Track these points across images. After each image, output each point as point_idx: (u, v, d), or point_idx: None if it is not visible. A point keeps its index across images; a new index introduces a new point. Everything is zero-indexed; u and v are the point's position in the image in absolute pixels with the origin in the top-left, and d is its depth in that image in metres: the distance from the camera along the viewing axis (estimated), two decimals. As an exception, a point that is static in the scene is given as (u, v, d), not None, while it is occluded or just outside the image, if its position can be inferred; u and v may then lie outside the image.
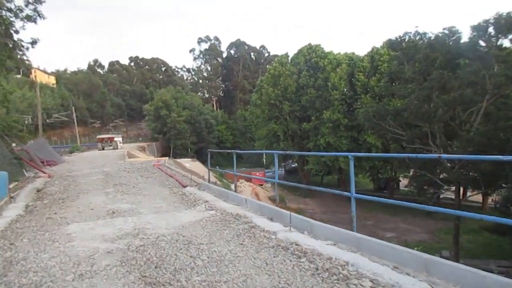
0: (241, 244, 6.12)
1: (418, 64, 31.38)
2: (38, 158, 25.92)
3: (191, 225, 7.52)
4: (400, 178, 56.33)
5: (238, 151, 13.27)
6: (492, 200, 48.38)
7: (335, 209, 54.39)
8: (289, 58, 60.87)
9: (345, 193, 7.24)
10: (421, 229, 45.81)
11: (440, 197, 38.84)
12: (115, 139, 49.53)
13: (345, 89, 52.34)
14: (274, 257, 5.39)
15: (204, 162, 61.74)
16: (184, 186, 13.25)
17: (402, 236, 41.90)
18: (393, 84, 49.73)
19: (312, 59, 56.72)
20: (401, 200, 7.17)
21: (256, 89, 62.78)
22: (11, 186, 15.17)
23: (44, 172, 19.99)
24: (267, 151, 57.29)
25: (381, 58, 50.34)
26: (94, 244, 6.44)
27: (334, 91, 51.98)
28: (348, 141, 53.01)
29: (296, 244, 5.82)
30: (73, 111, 60.19)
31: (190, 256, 5.54)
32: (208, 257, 5.48)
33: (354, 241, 5.80)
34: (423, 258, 4.69)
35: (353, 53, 56.84)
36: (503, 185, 30.60)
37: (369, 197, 7.58)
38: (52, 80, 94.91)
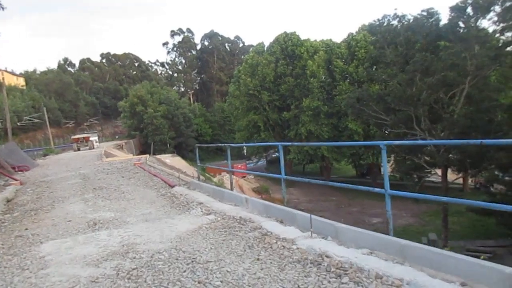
0: (258, 259, 4.95)
1: (399, 47, 30.68)
2: (8, 164, 24.05)
3: (190, 236, 6.30)
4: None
5: (232, 145, 12.04)
6: (472, 181, 48.60)
7: (319, 197, 53.90)
8: (265, 47, 59.61)
9: (377, 189, 6.13)
10: (405, 213, 45.60)
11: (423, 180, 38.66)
12: (91, 138, 47.35)
13: (324, 76, 51.52)
14: (305, 276, 4.26)
15: (184, 157, 60.26)
16: (172, 186, 11.98)
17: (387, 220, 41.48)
18: (374, 68, 49.49)
19: (288, 47, 55.70)
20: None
21: (233, 79, 61.39)
22: (-23, 196, 13.59)
23: (15, 179, 18.28)
24: (271, 143, 56.07)
25: (358, 44, 49.75)
26: (74, 269, 5.15)
27: (313, 78, 51.12)
28: (329, 128, 52.41)
29: (327, 256, 4.69)
30: (45, 112, 57.48)
31: (199, 282, 4.34)
32: (221, 282, 4.30)
33: (396, 249, 4.71)
34: (505, 273, 3.63)
35: (330, 40, 56.08)
36: (488, 166, 30.34)
37: (406, 193, 6.54)
38: (21, 82, 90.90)
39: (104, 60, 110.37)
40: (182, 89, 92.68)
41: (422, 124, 29.42)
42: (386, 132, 33.92)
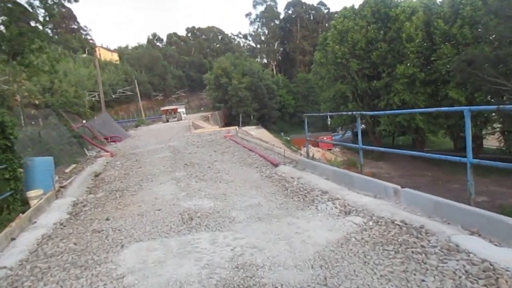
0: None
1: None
2: (102, 134, 23.65)
3: (340, 257, 3.88)
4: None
5: (309, 114, 9.23)
6: None
7: (412, 171, 49.24)
8: (355, 11, 54.68)
9: (457, 158, 3.06)
10: (517, 191, 39.85)
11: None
12: (179, 110, 47.14)
13: (421, 40, 45.86)
14: None
15: (267, 129, 58.48)
16: (276, 165, 9.71)
17: (495, 200, 36.29)
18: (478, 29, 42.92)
19: (381, 9, 50.36)
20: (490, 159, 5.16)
21: (319, 47, 57.38)
22: (68, 170, 12.48)
23: (106, 151, 17.35)
24: (348, 112, 52.66)
25: (462, 1, 43.28)
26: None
27: (409, 43, 45.74)
28: (425, 97, 46.99)
29: None
30: (136, 85, 58.65)
31: None
32: None
33: None
34: None
35: (428, -1, 49.69)
36: None
37: (490, 162, 3.74)
38: (115, 57, 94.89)
39: (189, 34, 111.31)
40: (265, 61, 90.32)
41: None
42: (504, 99, 28.77)
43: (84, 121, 23.16)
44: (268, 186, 7.60)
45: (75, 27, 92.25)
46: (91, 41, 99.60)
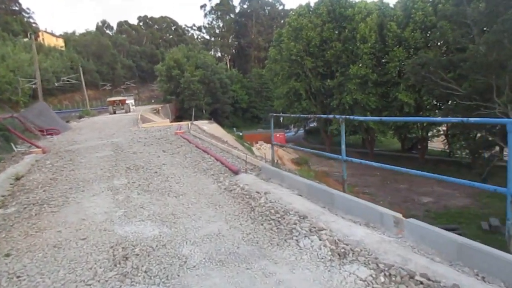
0: None
1: (483, 3, 25.28)
2: (37, 126, 20.98)
3: None
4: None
5: (275, 114, 7.83)
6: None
7: (363, 171, 49.51)
8: (310, 9, 54.03)
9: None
10: (459, 192, 40.75)
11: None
12: (127, 101, 44.16)
13: (375, 42, 45.96)
14: None
15: (220, 124, 56.69)
16: (236, 172, 8.17)
17: (440, 201, 37.15)
18: (429, 33, 43.56)
19: (336, 9, 49.96)
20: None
21: (274, 43, 56.28)
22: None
23: (38, 146, 14.99)
24: (327, 115, 51.77)
25: (414, 6, 43.74)
26: None
27: (363, 44, 45.66)
28: (376, 98, 47.30)
29: None
30: (81, 72, 54.63)
31: None
32: None
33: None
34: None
35: (381, 1, 49.94)
36: None
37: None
38: (60, 43, 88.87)
39: (141, 23, 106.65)
40: (219, 54, 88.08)
41: (505, 95, 24.37)
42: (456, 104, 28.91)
43: (20, 111, 20.36)
44: (229, 204, 6.03)
45: (16, 8, 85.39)
46: (34, 25, 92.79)
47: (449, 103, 30.74)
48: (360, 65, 46.67)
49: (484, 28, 25.74)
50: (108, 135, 18.21)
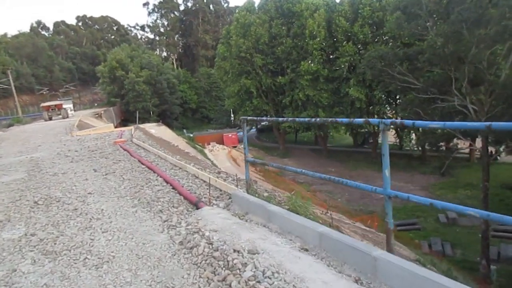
0: None
1: (439, -7, 24.03)
2: None
3: None
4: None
5: (252, 118, 5.25)
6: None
7: (317, 168, 48.01)
8: (256, 5, 51.77)
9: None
10: (413, 185, 40.19)
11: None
12: (64, 106, 39.40)
13: (324, 37, 44.55)
14: None
15: (169, 126, 53.04)
16: (196, 205, 5.47)
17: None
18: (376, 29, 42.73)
19: (283, 5, 47.98)
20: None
21: (222, 40, 53.43)
22: None
23: None
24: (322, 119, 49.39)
25: (362, 1, 42.72)
26: None
27: (313, 39, 44.07)
28: (328, 94, 45.98)
29: None
30: (10, 76, 48.76)
31: None
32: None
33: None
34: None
35: (329, -3, 48.62)
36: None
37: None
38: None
39: (80, 23, 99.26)
40: (165, 54, 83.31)
41: (464, 87, 23.25)
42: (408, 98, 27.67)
43: None
44: (191, 284, 3.31)
45: None
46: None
47: (406, 96, 29.53)
48: (310, 61, 45.13)
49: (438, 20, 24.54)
50: (31, 148, 14.67)
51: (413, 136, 43.20)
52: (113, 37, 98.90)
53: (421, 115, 25.85)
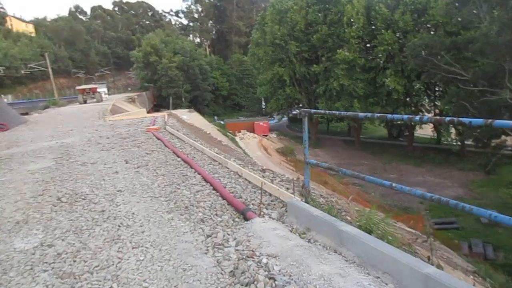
0: None
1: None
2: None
3: None
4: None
5: (313, 110, 3.99)
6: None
7: (349, 160, 46.37)
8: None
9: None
10: (451, 182, 38.03)
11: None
12: (98, 89, 39.23)
13: (362, 25, 42.50)
14: None
15: (200, 112, 52.52)
16: (244, 214, 4.47)
17: (433, 191, 33.91)
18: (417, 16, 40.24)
19: (321, -9, 46.04)
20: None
21: (257, 26, 52.04)
22: None
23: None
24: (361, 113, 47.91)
25: (404, -13, 40.38)
26: None
27: (350, 27, 42.11)
28: (364, 84, 44.00)
29: None
30: (47, 59, 49.24)
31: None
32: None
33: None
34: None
35: (369, -18, 46.22)
36: None
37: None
38: (30, 29, 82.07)
39: (116, 8, 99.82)
40: (198, 40, 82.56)
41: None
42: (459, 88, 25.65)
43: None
44: None
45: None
46: (1, 10, 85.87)
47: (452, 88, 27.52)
48: (346, 49, 43.22)
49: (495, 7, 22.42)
50: (63, 132, 14.09)
51: (453, 130, 40.79)
52: (147, 22, 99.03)
53: (468, 109, 23.98)
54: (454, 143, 43.64)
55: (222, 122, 52.39)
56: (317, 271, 3.04)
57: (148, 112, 31.55)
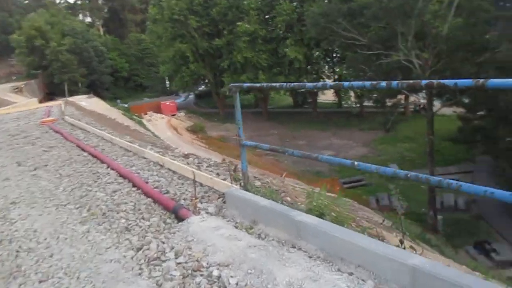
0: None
1: None
2: None
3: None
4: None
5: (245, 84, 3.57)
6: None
7: (259, 132, 46.91)
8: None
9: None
10: (355, 142, 40.60)
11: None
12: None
13: (260, -5, 42.41)
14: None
15: (100, 97, 48.68)
16: (176, 213, 3.76)
17: (340, 153, 36.37)
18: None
19: (217, -38, 44.67)
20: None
21: (153, 1, 49.13)
22: None
23: None
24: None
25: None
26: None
27: (248, -1, 41.79)
28: (267, 55, 44.36)
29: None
30: None
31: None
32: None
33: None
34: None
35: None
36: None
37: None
38: None
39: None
40: (89, 19, 75.82)
41: (409, 42, 22.77)
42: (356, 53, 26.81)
43: None
44: None
45: None
46: None
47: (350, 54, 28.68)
48: (246, 22, 42.90)
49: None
50: None
51: (352, 93, 43.23)
52: (26, 1, 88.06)
53: (366, 72, 25.23)
54: (354, 106, 46.53)
55: (125, 105, 49.27)
56: (283, 278, 2.50)
57: (40, 102, 28.21)
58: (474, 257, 18.34)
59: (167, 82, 62.28)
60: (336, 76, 46.33)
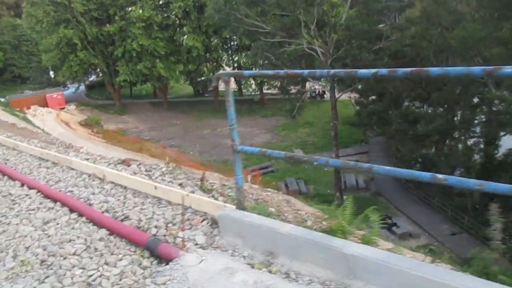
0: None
1: None
2: None
3: None
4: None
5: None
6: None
7: (161, 122, 44.81)
8: None
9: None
10: (258, 129, 41.04)
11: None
12: None
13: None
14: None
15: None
16: (156, 252, 2.68)
17: (245, 140, 36.33)
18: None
19: None
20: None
21: (29, -19, 42.91)
22: None
23: None
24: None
25: None
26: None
27: (141, -19, 39.01)
28: (164, 43, 42.18)
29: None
30: None
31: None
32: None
33: None
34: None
35: None
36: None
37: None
38: None
39: None
40: None
41: (312, 30, 23.23)
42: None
43: None
44: None
45: None
46: None
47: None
48: (141, 6, 40.03)
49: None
50: None
51: (252, 81, 43.36)
52: None
53: (272, 60, 25.18)
54: (254, 93, 46.84)
55: (3, 100, 42.70)
56: None
57: None
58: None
59: (51, 72, 55.74)
60: (236, 65, 46.05)
